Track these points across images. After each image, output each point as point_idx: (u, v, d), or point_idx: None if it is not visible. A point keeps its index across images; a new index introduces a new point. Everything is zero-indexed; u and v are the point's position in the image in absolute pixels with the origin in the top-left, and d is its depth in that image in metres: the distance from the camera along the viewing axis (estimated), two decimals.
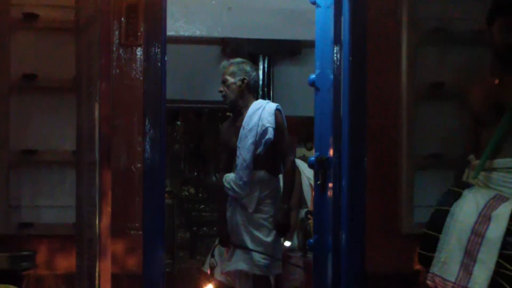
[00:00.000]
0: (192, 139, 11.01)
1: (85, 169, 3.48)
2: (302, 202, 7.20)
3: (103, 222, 3.17)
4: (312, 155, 5.40)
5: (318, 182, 5.30)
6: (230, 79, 5.52)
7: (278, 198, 5.46)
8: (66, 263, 4.43)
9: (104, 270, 3.15)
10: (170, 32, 5.35)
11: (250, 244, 5.30)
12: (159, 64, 4.72)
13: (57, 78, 4.67)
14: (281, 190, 5.57)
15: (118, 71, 4.70)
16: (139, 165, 4.69)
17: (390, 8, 4.91)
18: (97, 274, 3.17)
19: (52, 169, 4.70)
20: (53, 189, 4.67)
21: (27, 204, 4.67)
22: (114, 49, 4.67)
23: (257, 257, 5.27)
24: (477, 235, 3.53)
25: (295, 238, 6.96)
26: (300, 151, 8.58)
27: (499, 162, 3.76)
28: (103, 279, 3.15)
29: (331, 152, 5.03)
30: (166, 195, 9.70)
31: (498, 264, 3.47)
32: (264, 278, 5.41)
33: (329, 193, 5.11)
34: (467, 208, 3.63)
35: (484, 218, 3.53)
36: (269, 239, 5.33)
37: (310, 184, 7.06)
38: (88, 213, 3.34)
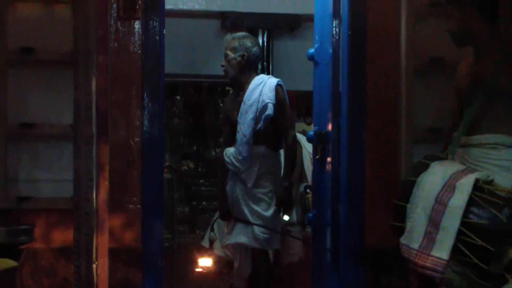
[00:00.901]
0: (192, 114, 11.01)
1: (83, 142, 3.46)
2: (302, 176, 7.20)
3: (100, 196, 3.16)
4: (311, 129, 5.40)
5: (317, 157, 5.30)
6: (231, 54, 5.50)
7: (279, 173, 5.45)
8: (64, 237, 4.42)
9: (102, 244, 3.15)
10: (168, 5, 5.33)
11: (250, 218, 5.30)
12: (158, 37, 4.70)
13: (54, 51, 4.64)
14: (282, 165, 5.56)
15: (116, 44, 4.66)
16: (137, 139, 4.67)
17: None
18: (94, 248, 3.17)
19: (50, 143, 4.68)
20: (51, 163, 4.65)
21: (25, 178, 4.66)
22: (112, 22, 4.64)
23: (257, 231, 5.28)
24: (440, 204, 3.57)
25: (294, 212, 6.97)
26: (300, 125, 8.57)
27: (477, 138, 3.80)
28: (100, 253, 3.15)
29: (330, 127, 5.03)
30: (165, 169, 9.78)
31: (460, 232, 3.51)
32: (263, 252, 5.42)
33: (328, 167, 5.11)
34: (433, 178, 3.68)
35: (449, 187, 3.58)
36: (268, 213, 5.33)
37: (311, 159, 7.05)
38: (86, 187, 3.33)
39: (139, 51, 4.68)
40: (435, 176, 3.69)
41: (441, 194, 3.60)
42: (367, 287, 4.77)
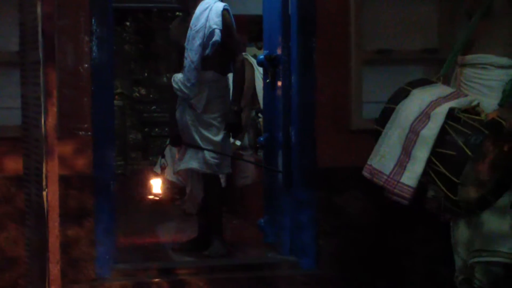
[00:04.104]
0: (142, 39, 10.88)
1: (29, 69, 3.41)
2: (255, 100, 7.21)
3: (49, 122, 3.11)
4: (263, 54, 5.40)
5: (268, 81, 5.32)
6: None
7: (228, 98, 5.42)
8: (15, 165, 4.38)
9: (52, 171, 3.12)
10: None
11: (200, 144, 5.30)
12: None
13: None
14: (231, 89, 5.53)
15: None
16: (86, 65, 4.62)
17: None
18: (44, 175, 3.14)
19: None
20: None
21: None
22: None
23: (208, 156, 5.29)
24: (413, 132, 3.63)
25: (246, 137, 7.01)
26: (251, 50, 8.54)
27: (470, 58, 3.85)
28: (50, 180, 3.12)
29: (280, 50, 5.03)
30: (116, 96, 9.70)
31: (430, 161, 3.56)
32: (214, 176, 5.44)
33: (279, 91, 5.13)
34: (411, 105, 3.73)
35: (425, 116, 3.63)
36: (218, 138, 5.32)
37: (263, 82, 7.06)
38: (34, 114, 3.29)
39: None
40: (412, 105, 3.72)
41: (415, 123, 3.64)
42: (319, 207, 4.84)
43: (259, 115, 6.90)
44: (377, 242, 4.87)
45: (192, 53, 5.25)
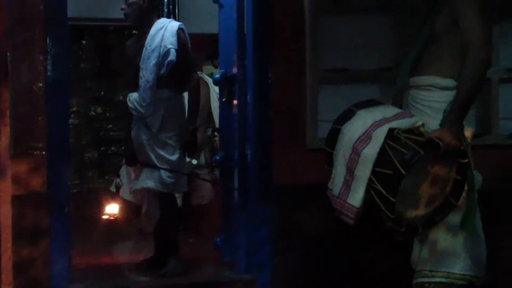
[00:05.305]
0: (99, 57, 10.84)
1: None
2: (210, 119, 7.22)
3: (1, 142, 3.09)
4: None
5: (224, 99, 5.33)
6: None
7: (183, 117, 5.42)
8: None
9: (4, 190, 3.10)
10: None
11: (156, 163, 5.29)
12: None
13: None
14: (187, 108, 5.53)
15: None
16: (41, 84, 4.59)
17: None
18: None
19: None
20: None
21: None
22: None
23: (164, 175, 5.28)
24: (356, 153, 3.68)
25: (202, 155, 7.01)
26: (208, 68, 8.56)
27: (414, 80, 3.94)
28: (2, 200, 3.10)
29: (235, 69, 5.04)
30: (72, 115, 9.65)
31: (371, 180, 3.61)
32: (170, 195, 5.43)
33: (235, 109, 5.14)
34: (354, 126, 3.78)
35: (367, 136, 3.68)
36: (173, 157, 5.32)
37: (219, 101, 7.07)
38: None
39: None
40: (356, 125, 3.77)
41: (357, 144, 3.69)
42: (275, 225, 4.85)
43: (215, 133, 6.91)
44: (334, 259, 4.89)
45: (147, 73, 5.24)
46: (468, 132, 3.79)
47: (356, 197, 3.69)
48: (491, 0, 4.15)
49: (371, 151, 3.62)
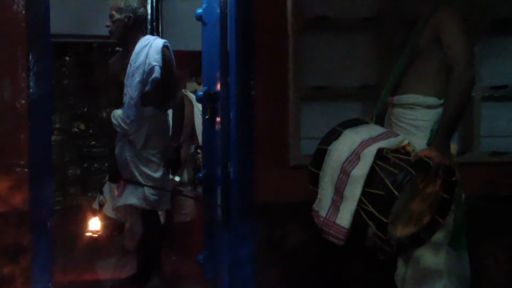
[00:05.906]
0: (82, 74, 10.84)
1: None
2: (194, 136, 7.22)
3: None
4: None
5: (207, 117, 5.34)
6: (117, 15, 5.38)
7: (167, 134, 5.43)
8: None
9: None
10: None
11: (139, 180, 5.29)
12: None
13: None
14: (171, 125, 5.53)
15: None
16: (23, 101, 4.57)
17: None
18: None
19: None
20: None
21: None
22: None
23: (147, 192, 5.28)
24: (344, 173, 3.66)
25: (185, 172, 7.00)
26: (192, 85, 8.56)
27: (398, 98, 3.92)
28: None
29: (219, 86, 5.05)
30: (55, 131, 9.63)
31: (361, 201, 3.60)
32: (153, 213, 5.43)
33: (218, 127, 5.15)
34: (341, 146, 3.76)
35: (355, 156, 3.66)
36: (157, 174, 5.33)
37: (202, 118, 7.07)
38: None
39: (23, 11, 4.56)
40: (343, 145, 3.75)
41: (345, 164, 3.67)
42: (258, 242, 4.84)
43: (198, 151, 6.91)
44: (317, 276, 4.88)
45: (131, 90, 5.25)
46: (451, 150, 3.80)
47: (345, 218, 3.66)
48: (467, 19, 4.15)
49: (360, 172, 3.60)
